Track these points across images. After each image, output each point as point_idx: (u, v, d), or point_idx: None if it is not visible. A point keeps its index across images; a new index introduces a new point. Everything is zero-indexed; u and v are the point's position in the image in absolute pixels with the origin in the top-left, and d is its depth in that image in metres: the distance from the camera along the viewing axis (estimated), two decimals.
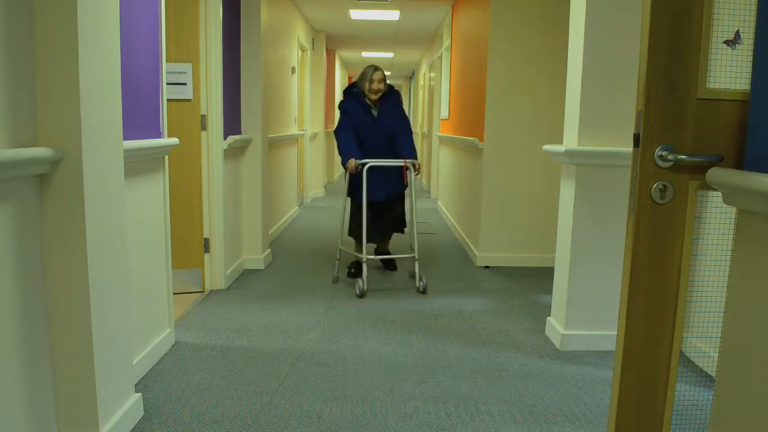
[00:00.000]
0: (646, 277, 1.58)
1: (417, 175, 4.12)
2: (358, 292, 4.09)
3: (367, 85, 4.31)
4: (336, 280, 4.43)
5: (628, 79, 2.99)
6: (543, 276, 4.74)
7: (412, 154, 4.34)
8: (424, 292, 4.21)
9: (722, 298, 2.42)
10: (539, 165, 4.98)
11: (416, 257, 4.28)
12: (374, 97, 4.32)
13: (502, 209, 5.03)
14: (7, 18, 1.71)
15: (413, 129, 16.44)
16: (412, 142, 4.42)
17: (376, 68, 4.32)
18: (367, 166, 4.16)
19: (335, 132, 4.32)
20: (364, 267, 4.14)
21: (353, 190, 4.41)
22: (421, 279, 4.22)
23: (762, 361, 1.26)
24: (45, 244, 1.91)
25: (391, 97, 4.42)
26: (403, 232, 4.71)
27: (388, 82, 4.42)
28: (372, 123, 4.35)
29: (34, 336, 1.87)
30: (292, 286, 4.32)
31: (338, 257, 4.56)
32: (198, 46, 3.83)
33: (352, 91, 4.42)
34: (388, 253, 4.80)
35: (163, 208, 2.97)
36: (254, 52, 4.57)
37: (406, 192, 4.53)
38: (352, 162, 4.17)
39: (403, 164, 4.24)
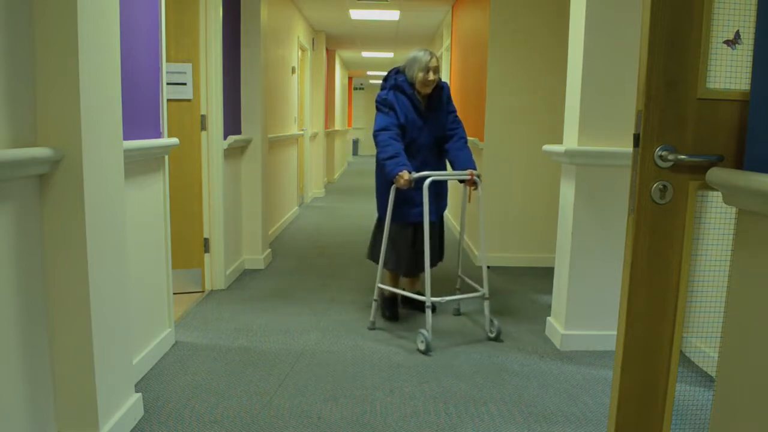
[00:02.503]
0: (646, 277, 1.58)
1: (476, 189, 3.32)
2: (423, 347, 3.08)
3: (420, 75, 3.34)
4: (373, 326, 3.45)
5: (628, 79, 2.99)
6: (543, 276, 4.73)
7: (471, 163, 3.43)
8: (497, 338, 3.29)
9: (722, 298, 2.42)
10: (539, 165, 4.98)
11: (486, 295, 3.34)
12: (427, 90, 3.39)
13: (502, 209, 5.03)
14: (7, 18, 1.71)
15: None
16: (469, 148, 3.53)
17: (431, 54, 3.39)
18: (429, 180, 3.14)
19: (376, 133, 3.34)
20: (429, 313, 3.11)
21: (395, 207, 3.39)
22: (492, 322, 3.30)
23: (762, 361, 1.26)
24: (45, 244, 1.91)
25: (442, 90, 3.49)
26: (441, 261, 3.78)
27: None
28: (422, 123, 3.41)
29: (34, 336, 1.87)
30: (292, 286, 4.32)
31: (376, 298, 3.49)
32: (198, 46, 3.83)
33: (396, 81, 3.43)
34: (420, 291, 3.80)
35: (163, 208, 2.97)
36: (254, 52, 4.57)
37: (462, 212, 3.68)
38: (406, 175, 3.17)
39: (469, 176, 3.28)
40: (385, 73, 19.77)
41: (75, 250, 1.93)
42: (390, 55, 12.70)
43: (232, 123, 4.38)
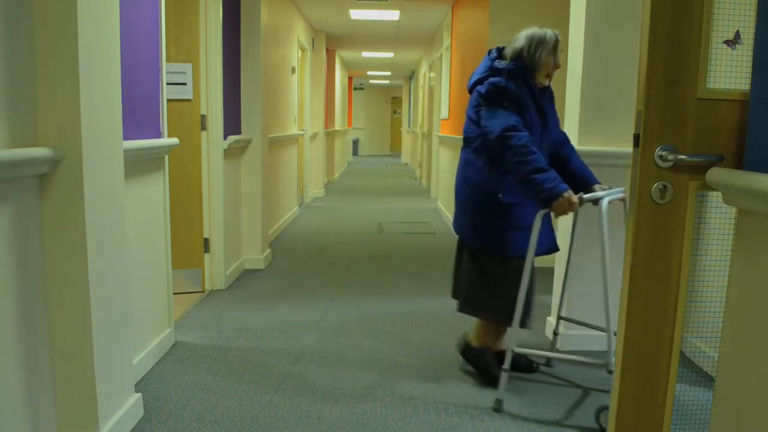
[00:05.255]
0: (646, 277, 1.58)
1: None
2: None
3: (551, 61, 2.55)
4: (500, 406, 2.49)
5: (628, 79, 2.99)
6: (543, 276, 4.73)
7: (593, 175, 2.70)
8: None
9: (722, 298, 2.42)
10: None
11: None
12: (547, 82, 2.63)
13: None
14: (7, 18, 1.71)
15: (413, 129, 16.46)
16: None
17: (556, 32, 2.58)
18: (606, 201, 2.39)
19: (503, 134, 2.41)
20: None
21: (511, 237, 2.56)
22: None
23: (762, 361, 1.26)
24: (45, 244, 1.91)
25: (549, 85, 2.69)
26: None
27: None
28: (542, 126, 2.61)
29: (34, 336, 1.87)
30: (292, 286, 4.32)
31: (507, 367, 2.50)
32: (198, 46, 3.83)
33: (517, 67, 2.54)
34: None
35: (163, 208, 2.97)
36: (254, 52, 4.57)
37: (570, 243, 2.92)
38: (574, 197, 2.34)
39: (622, 195, 2.52)
40: (386, 73, 19.36)
41: (75, 250, 1.93)
42: (390, 55, 12.70)
43: (232, 123, 4.38)
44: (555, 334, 3.00)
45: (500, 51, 2.64)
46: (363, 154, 22.95)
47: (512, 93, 2.48)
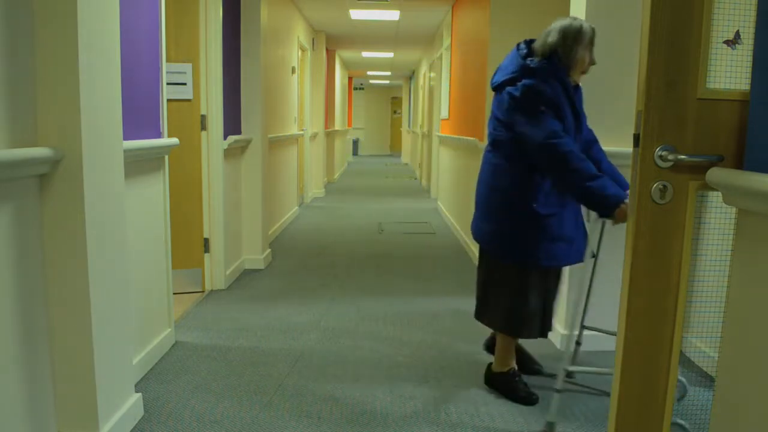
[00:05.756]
0: (646, 277, 1.58)
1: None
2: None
3: (586, 57, 2.36)
4: (551, 430, 2.36)
5: (628, 78, 2.99)
6: None
7: (623, 178, 2.55)
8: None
9: (722, 298, 2.42)
10: None
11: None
12: (580, 79, 2.45)
13: None
14: (7, 18, 1.71)
15: (413, 129, 16.46)
16: None
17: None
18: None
19: (550, 142, 2.25)
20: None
21: (545, 246, 2.42)
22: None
23: (762, 361, 1.26)
24: (45, 244, 1.91)
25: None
26: None
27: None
28: (576, 124, 2.43)
29: (34, 336, 1.87)
30: (292, 286, 4.32)
31: (559, 387, 2.36)
32: (198, 46, 3.83)
33: (551, 66, 2.34)
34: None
35: (163, 208, 2.97)
36: (254, 52, 4.57)
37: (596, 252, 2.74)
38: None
39: None
40: (386, 73, 19.25)
41: (75, 251, 1.93)
42: (390, 55, 12.70)
43: (232, 123, 4.38)
44: (578, 344, 2.83)
45: (529, 44, 2.43)
46: (363, 154, 22.95)
47: (549, 96, 2.29)
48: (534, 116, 2.29)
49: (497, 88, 2.45)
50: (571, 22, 2.34)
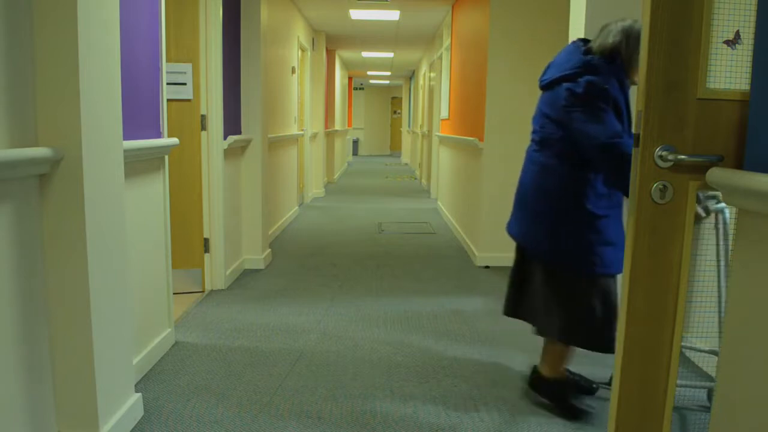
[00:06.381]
0: (646, 277, 1.58)
1: None
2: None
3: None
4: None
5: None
6: None
7: None
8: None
9: (722, 298, 2.42)
10: None
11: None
12: (635, 83, 2.31)
13: (502, 209, 5.03)
14: (7, 18, 1.71)
15: (413, 129, 16.46)
16: None
17: None
18: (727, 211, 2.28)
19: (613, 140, 2.15)
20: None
21: (603, 252, 2.29)
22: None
23: (762, 361, 1.26)
24: (45, 244, 1.91)
25: None
26: None
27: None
28: (629, 126, 2.29)
29: (34, 336, 1.87)
30: (292, 286, 4.32)
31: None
32: (198, 46, 3.83)
33: (616, 65, 2.26)
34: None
35: (163, 208, 2.97)
36: (254, 52, 4.57)
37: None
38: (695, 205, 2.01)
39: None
40: (386, 73, 19.21)
41: (75, 250, 1.93)
42: (390, 55, 12.70)
43: (232, 123, 4.38)
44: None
45: (585, 43, 2.36)
46: (363, 154, 22.95)
47: (612, 95, 2.20)
48: (596, 114, 2.18)
49: (550, 84, 2.34)
50: (632, 23, 2.26)
